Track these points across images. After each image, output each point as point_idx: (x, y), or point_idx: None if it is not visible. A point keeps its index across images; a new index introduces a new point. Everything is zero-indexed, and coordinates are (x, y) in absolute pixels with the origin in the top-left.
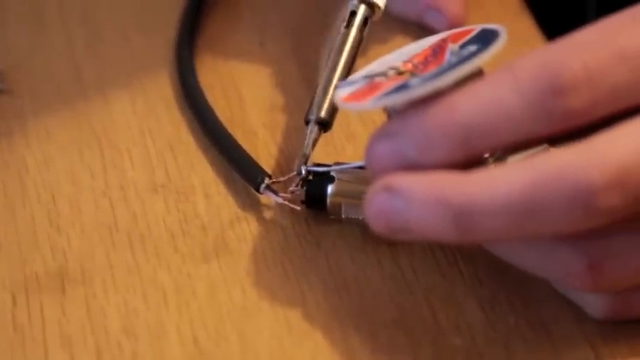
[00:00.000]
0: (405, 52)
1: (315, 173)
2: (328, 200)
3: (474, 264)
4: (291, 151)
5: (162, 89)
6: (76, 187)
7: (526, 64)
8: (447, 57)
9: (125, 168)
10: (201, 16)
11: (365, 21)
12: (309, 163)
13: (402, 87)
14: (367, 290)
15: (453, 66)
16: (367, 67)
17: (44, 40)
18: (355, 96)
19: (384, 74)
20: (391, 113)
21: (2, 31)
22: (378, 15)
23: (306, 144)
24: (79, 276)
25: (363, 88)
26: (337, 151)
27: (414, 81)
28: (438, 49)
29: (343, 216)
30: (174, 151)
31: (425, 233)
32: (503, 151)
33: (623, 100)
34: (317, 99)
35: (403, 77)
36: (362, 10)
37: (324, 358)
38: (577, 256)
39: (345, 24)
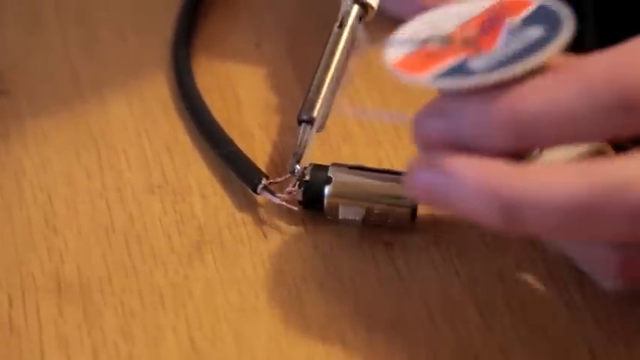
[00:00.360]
0: (456, 12)
1: (312, 174)
2: (325, 201)
3: (470, 264)
4: (287, 152)
5: (158, 90)
6: (72, 188)
7: (598, 71)
8: (505, 34)
9: (122, 169)
10: (198, 17)
11: (358, 21)
12: (302, 163)
13: (462, 68)
14: (363, 291)
15: (519, 55)
16: (413, 24)
17: (41, 40)
18: (408, 64)
19: (437, 40)
20: (445, 90)
21: None
22: (371, 15)
23: (298, 144)
24: (76, 277)
25: (416, 55)
26: (333, 151)
27: (475, 64)
28: (494, 19)
29: (340, 217)
30: (170, 151)
31: (469, 216)
32: None
33: None
34: (309, 99)
35: (459, 51)
36: (355, 10)
37: (320, 358)
38: (613, 252)
39: (338, 24)
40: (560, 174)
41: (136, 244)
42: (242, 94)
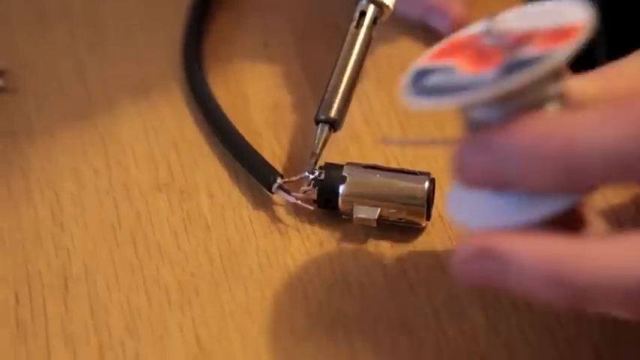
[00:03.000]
0: (529, 15)
1: (327, 173)
2: (340, 200)
3: None
4: (295, 151)
5: (166, 88)
6: (79, 186)
7: None
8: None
9: (129, 166)
10: (207, 17)
11: (374, 21)
12: (318, 163)
13: (473, 84)
14: (370, 291)
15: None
16: (509, 14)
17: (48, 38)
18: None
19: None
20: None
21: (6, 29)
22: (387, 15)
23: (316, 144)
24: (82, 274)
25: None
26: (341, 151)
27: (483, 78)
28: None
29: (355, 216)
30: (178, 149)
31: (530, 298)
32: None
33: None
34: (327, 99)
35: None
36: (371, 10)
37: (325, 358)
38: None
39: (354, 24)
40: (620, 252)
41: (143, 242)
42: (250, 93)
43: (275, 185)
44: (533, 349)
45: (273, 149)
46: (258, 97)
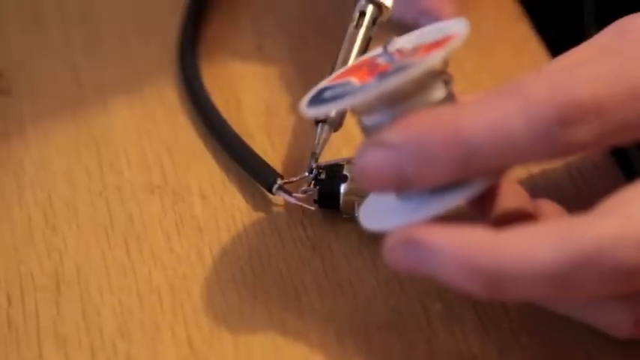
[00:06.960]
0: (420, 35)
1: (328, 173)
2: (342, 199)
3: None
4: (288, 154)
5: (160, 91)
6: (72, 188)
7: (537, 89)
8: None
9: (122, 169)
10: (201, 20)
11: (373, 21)
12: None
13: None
14: (362, 293)
15: (387, 76)
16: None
17: (43, 41)
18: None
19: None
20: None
21: (1, 31)
22: (385, 15)
23: (316, 144)
24: (75, 276)
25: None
26: (334, 152)
27: (356, 87)
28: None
29: (357, 214)
30: (170, 152)
31: (452, 287)
32: None
33: (630, 133)
34: None
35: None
36: (370, 10)
37: (317, 359)
38: (623, 313)
39: (354, 24)
40: (536, 242)
41: (135, 244)
42: (243, 96)
43: (275, 186)
44: (525, 350)
45: (266, 152)
46: (251, 99)
